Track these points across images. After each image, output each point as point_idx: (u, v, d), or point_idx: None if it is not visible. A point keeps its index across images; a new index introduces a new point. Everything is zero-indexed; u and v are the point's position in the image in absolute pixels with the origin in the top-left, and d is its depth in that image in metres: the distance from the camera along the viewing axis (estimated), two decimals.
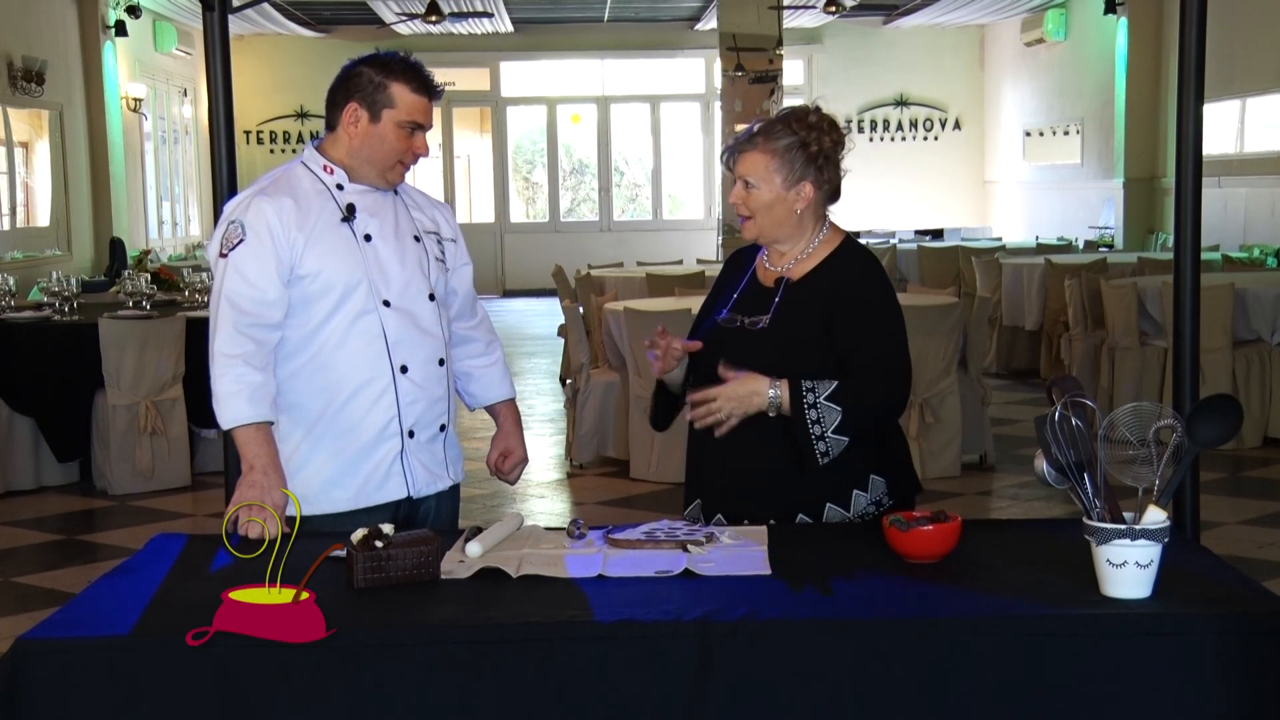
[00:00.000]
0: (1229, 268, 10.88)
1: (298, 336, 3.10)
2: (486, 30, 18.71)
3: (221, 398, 3.02)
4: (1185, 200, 3.13)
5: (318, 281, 3.08)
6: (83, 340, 7.60)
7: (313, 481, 3.11)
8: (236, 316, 3.03)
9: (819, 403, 2.96)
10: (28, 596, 5.87)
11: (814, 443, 2.97)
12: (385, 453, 3.15)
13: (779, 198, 3.09)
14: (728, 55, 14.69)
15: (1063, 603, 2.41)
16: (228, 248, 3.06)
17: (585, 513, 7.04)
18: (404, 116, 3.10)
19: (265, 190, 3.10)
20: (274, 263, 3.04)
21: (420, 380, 3.17)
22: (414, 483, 3.19)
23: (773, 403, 2.98)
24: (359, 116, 3.11)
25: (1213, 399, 2.57)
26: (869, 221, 17.85)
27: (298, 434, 3.13)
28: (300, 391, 3.12)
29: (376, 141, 3.11)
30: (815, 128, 3.10)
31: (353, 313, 3.10)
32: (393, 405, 3.14)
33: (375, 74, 3.11)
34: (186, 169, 18.35)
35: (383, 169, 3.14)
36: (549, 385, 11.48)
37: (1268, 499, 7.22)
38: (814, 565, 2.66)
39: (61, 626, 2.38)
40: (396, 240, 3.17)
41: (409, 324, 3.15)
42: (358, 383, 3.11)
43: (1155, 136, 15.28)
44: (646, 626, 2.33)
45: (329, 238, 3.09)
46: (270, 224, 3.05)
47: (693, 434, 3.22)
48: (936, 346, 7.41)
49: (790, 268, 3.15)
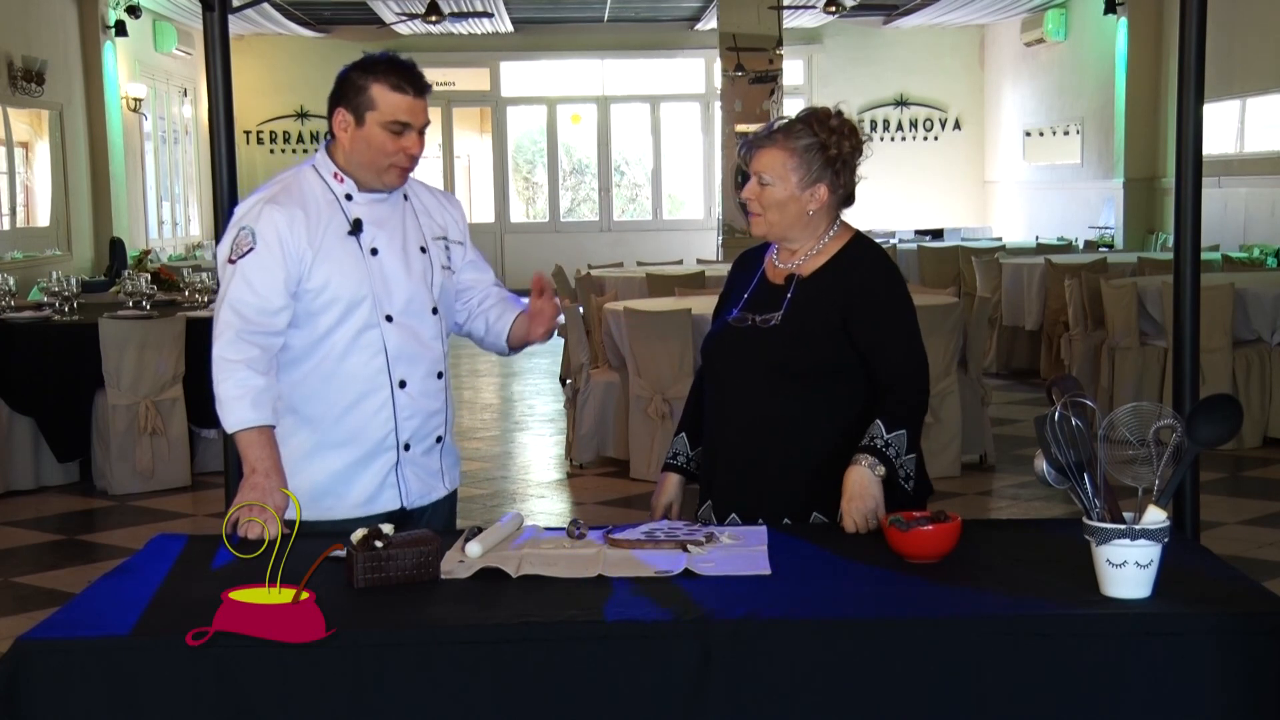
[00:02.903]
0: (1229, 268, 10.88)
1: (301, 346, 3.11)
2: (486, 30, 18.70)
3: (225, 402, 3.02)
4: (1185, 200, 3.13)
5: (323, 295, 3.08)
6: (83, 340, 7.60)
7: (307, 490, 3.10)
8: (240, 324, 3.03)
9: (891, 440, 2.99)
10: (28, 596, 5.86)
11: (902, 482, 3.01)
12: (381, 465, 3.16)
13: (793, 197, 3.09)
14: (728, 55, 14.69)
15: (1063, 603, 2.41)
16: (237, 254, 3.06)
17: (585, 513, 7.04)
18: (386, 117, 3.07)
19: (277, 198, 3.09)
20: (281, 273, 3.05)
21: (418, 394, 3.17)
22: (408, 495, 3.21)
23: (879, 477, 2.97)
24: (347, 122, 3.11)
25: (1213, 399, 2.57)
26: (869, 221, 17.81)
27: (300, 438, 3.13)
28: (300, 399, 3.12)
29: (364, 145, 3.10)
30: (836, 131, 3.10)
31: (356, 327, 3.11)
32: (390, 419, 3.15)
33: (358, 77, 3.10)
34: (186, 169, 18.35)
35: (377, 172, 3.12)
36: (549, 385, 11.48)
37: (1268, 499, 7.22)
38: (814, 565, 2.67)
39: (61, 626, 2.38)
40: (403, 253, 3.17)
41: (410, 338, 3.16)
42: (356, 395, 3.12)
43: (1155, 136, 15.28)
44: (646, 626, 2.33)
45: (336, 251, 3.10)
46: (281, 234, 3.05)
47: (707, 436, 3.23)
48: (936, 346, 7.40)
49: (800, 264, 3.16)
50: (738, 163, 14.19)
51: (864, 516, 2.91)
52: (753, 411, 3.11)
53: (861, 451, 2.97)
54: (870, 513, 2.92)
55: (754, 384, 3.11)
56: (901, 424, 3.00)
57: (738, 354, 3.13)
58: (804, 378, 3.07)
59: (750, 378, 3.11)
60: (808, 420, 3.07)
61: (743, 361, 3.13)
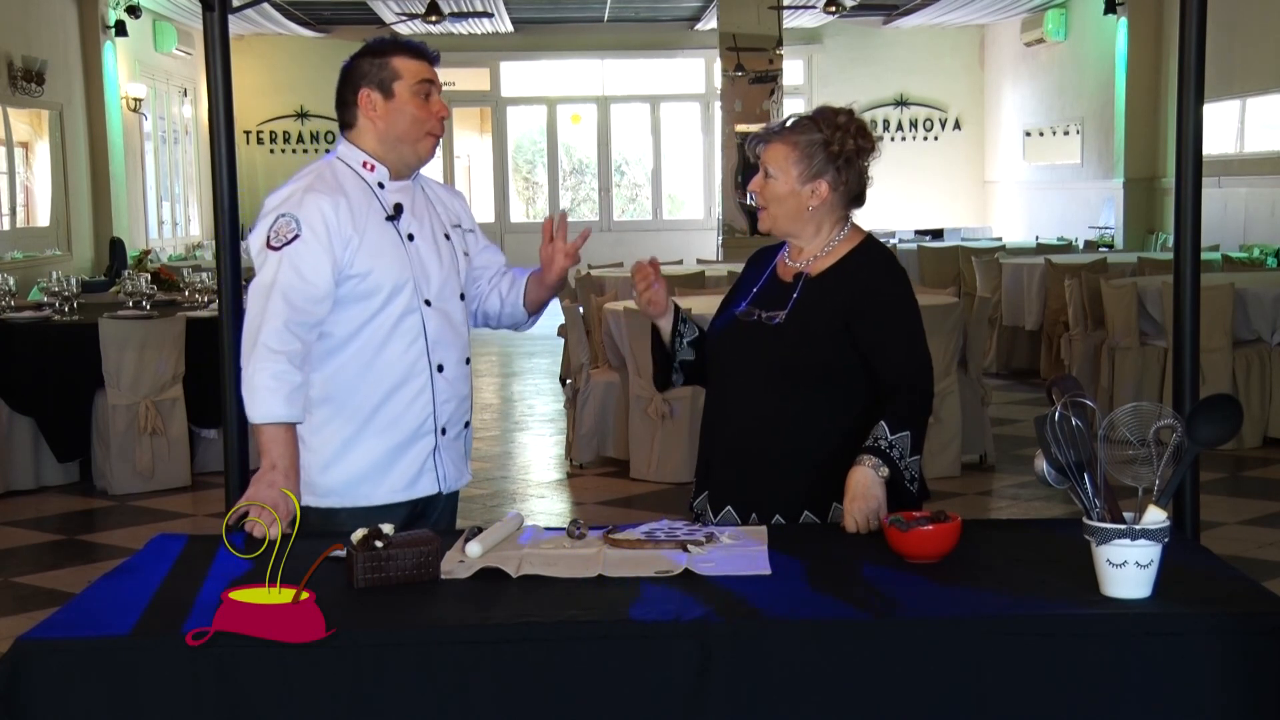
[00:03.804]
0: (1229, 268, 10.88)
1: (342, 333, 3.12)
2: (486, 30, 18.71)
3: (258, 390, 3.00)
4: (1185, 200, 3.13)
5: (367, 281, 3.10)
6: (83, 340, 7.60)
7: (347, 476, 3.14)
8: (289, 313, 3.02)
9: (895, 442, 2.97)
10: (28, 596, 5.86)
11: (908, 484, 2.99)
12: (420, 450, 3.20)
13: (792, 191, 3.11)
14: (728, 55, 14.70)
15: (1063, 603, 2.41)
16: (280, 241, 3.05)
17: (585, 513, 7.04)
18: (413, 80, 3.15)
19: (315, 187, 3.11)
20: (329, 260, 3.06)
21: (453, 379, 3.22)
22: (445, 479, 3.25)
23: (882, 478, 2.96)
24: (374, 100, 3.16)
25: (1213, 399, 2.57)
26: (869, 221, 17.71)
27: (335, 428, 3.15)
28: (341, 386, 3.14)
29: (397, 116, 3.15)
30: (842, 128, 3.12)
31: (398, 312, 3.13)
32: (429, 403, 3.19)
33: (374, 58, 3.18)
34: (186, 169, 18.35)
35: (414, 142, 3.17)
36: (549, 385, 11.48)
37: (1268, 499, 7.22)
38: (814, 565, 2.67)
39: (61, 626, 2.38)
40: (434, 239, 3.23)
41: (445, 323, 3.21)
42: (397, 380, 3.15)
43: (1155, 136, 15.28)
44: (646, 626, 2.33)
45: (378, 237, 3.13)
46: (327, 220, 3.06)
47: (705, 427, 3.24)
48: (936, 346, 7.39)
49: (809, 264, 3.17)
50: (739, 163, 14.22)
51: (866, 517, 2.91)
52: (753, 408, 3.11)
53: (865, 452, 2.96)
54: (872, 513, 2.91)
55: (755, 380, 3.11)
56: (905, 425, 2.99)
57: (741, 348, 3.15)
58: (805, 377, 3.08)
59: (752, 374, 3.12)
60: (808, 419, 3.08)
61: (745, 356, 3.14)
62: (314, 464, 3.13)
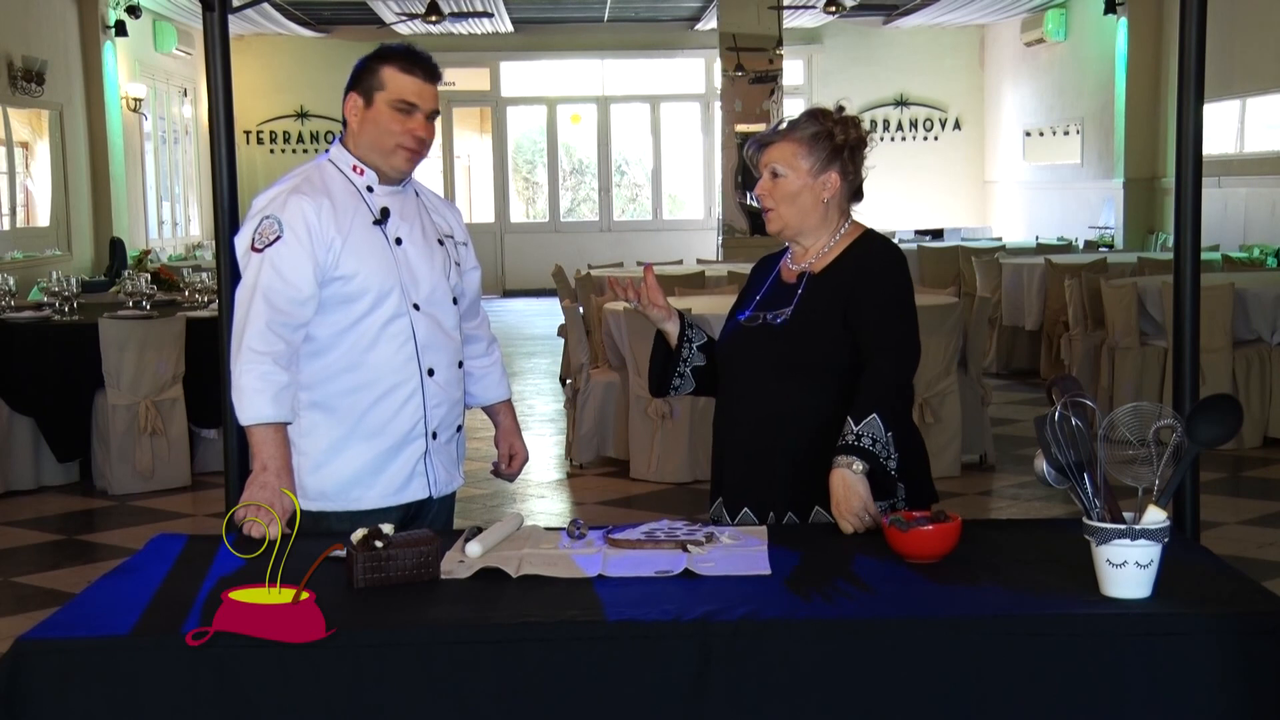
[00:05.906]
0: (1229, 268, 10.88)
1: (327, 335, 3.12)
2: (486, 30, 18.71)
3: (245, 392, 3.01)
4: (1185, 200, 3.13)
5: (353, 283, 3.10)
6: (83, 340, 7.60)
7: (337, 479, 3.14)
8: (270, 314, 3.03)
9: (862, 431, 2.92)
10: (28, 596, 5.86)
11: (884, 462, 2.93)
12: (410, 454, 3.19)
13: (806, 185, 3.11)
14: (728, 55, 14.70)
15: (1063, 603, 2.41)
16: (262, 243, 3.06)
17: (585, 513, 7.03)
18: (393, 96, 3.13)
19: (301, 189, 3.11)
20: (311, 262, 3.06)
21: (444, 383, 3.22)
22: (435, 483, 3.24)
23: (863, 470, 2.92)
24: (357, 105, 3.17)
25: (1213, 399, 2.57)
26: (869, 221, 17.77)
27: (325, 431, 3.14)
28: (330, 389, 3.14)
29: (371, 126, 3.15)
30: (840, 121, 3.14)
31: (385, 315, 3.13)
32: (420, 407, 3.18)
33: (371, 62, 3.18)
34: (186, 169, 18.35)
35: (383, 153, 3.16)
36: (549, 385, 11.48)
37: (1268, 499, 7.22)
38: (814, 565, 2.66)
39: (61, 626, 2.38)
40: (425, 244, 3.22)
41: (435, 327, 3.20)
42: (388, 385, 3.15)
43: (1155, 136, 15.28)
44: (647, 626, 2.33)
45: (364, 240, 3.12)
46: (309, 223, 3.06)
47: (716, 433, 3.24)
48: (936, 346, 7.40)
49: (813, 262, 3.17)
50: (738, 163, 14.23)
51: (856, 516, 2.90)
52: (762, 406, 3.11)
53: (837, 453, 2.94)
54: (860, 510, 2.90)
55: (763, 379, 3.11)
56: (871, 408, 2.94)
57: (747, 351, 3.15)
58: (812, 372, 3.07)
59: (759, 373, 3.12)
60: (817, 415, 3.07)
61: (752, 358, 3.14)
62: (304, 467, 3.13)
